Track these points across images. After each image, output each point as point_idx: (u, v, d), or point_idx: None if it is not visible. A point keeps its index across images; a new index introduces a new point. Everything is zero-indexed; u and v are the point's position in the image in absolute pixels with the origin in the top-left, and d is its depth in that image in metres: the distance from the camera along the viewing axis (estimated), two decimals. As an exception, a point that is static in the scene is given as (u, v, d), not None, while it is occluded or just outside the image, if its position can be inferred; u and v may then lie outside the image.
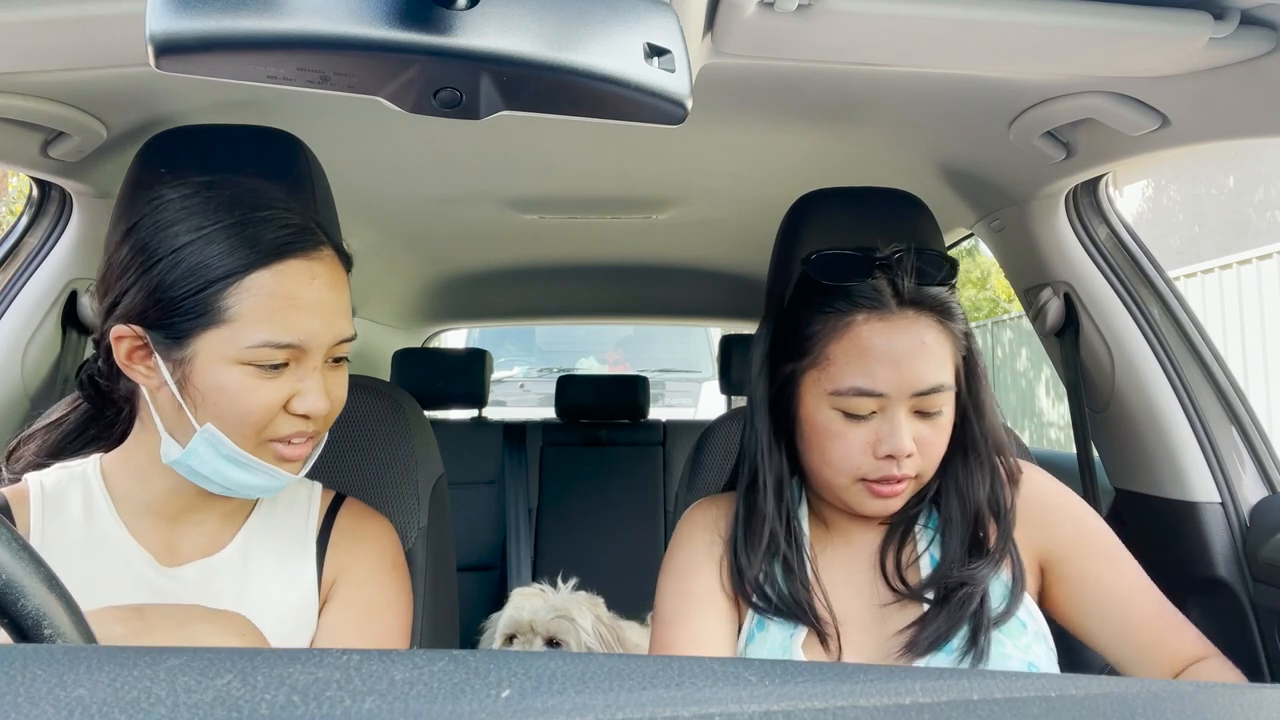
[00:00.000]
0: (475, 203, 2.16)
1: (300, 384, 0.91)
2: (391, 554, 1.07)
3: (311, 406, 0.91)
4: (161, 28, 0.55)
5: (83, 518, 0.96)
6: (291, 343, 0.89)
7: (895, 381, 0.97)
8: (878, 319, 0.99)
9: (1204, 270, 6.60)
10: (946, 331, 1.01)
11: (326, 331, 0.91)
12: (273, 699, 0.35)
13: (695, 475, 1.34)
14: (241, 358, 0.87)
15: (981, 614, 0.98)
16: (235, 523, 1.02)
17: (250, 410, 0.88)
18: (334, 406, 0.95)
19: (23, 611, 0.53)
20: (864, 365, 0.97)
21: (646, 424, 3.11)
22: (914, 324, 0.99)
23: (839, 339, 1.00)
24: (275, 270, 0.89)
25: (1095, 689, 0.39)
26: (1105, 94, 1.16)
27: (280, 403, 0.90)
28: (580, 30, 0.59)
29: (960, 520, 1.04)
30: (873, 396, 0.97)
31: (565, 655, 0.40)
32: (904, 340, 0.98)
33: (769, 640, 1.03)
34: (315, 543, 1.04)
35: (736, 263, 2.79)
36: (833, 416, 1.00)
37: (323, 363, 0.93)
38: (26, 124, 1.28)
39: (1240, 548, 1.41)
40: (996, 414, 1.09)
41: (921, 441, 0.99)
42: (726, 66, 1.05)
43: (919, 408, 0.98)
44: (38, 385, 1.55)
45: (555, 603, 1.90)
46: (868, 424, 0.98)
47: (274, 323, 0.88)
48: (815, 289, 1.03)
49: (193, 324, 0.87)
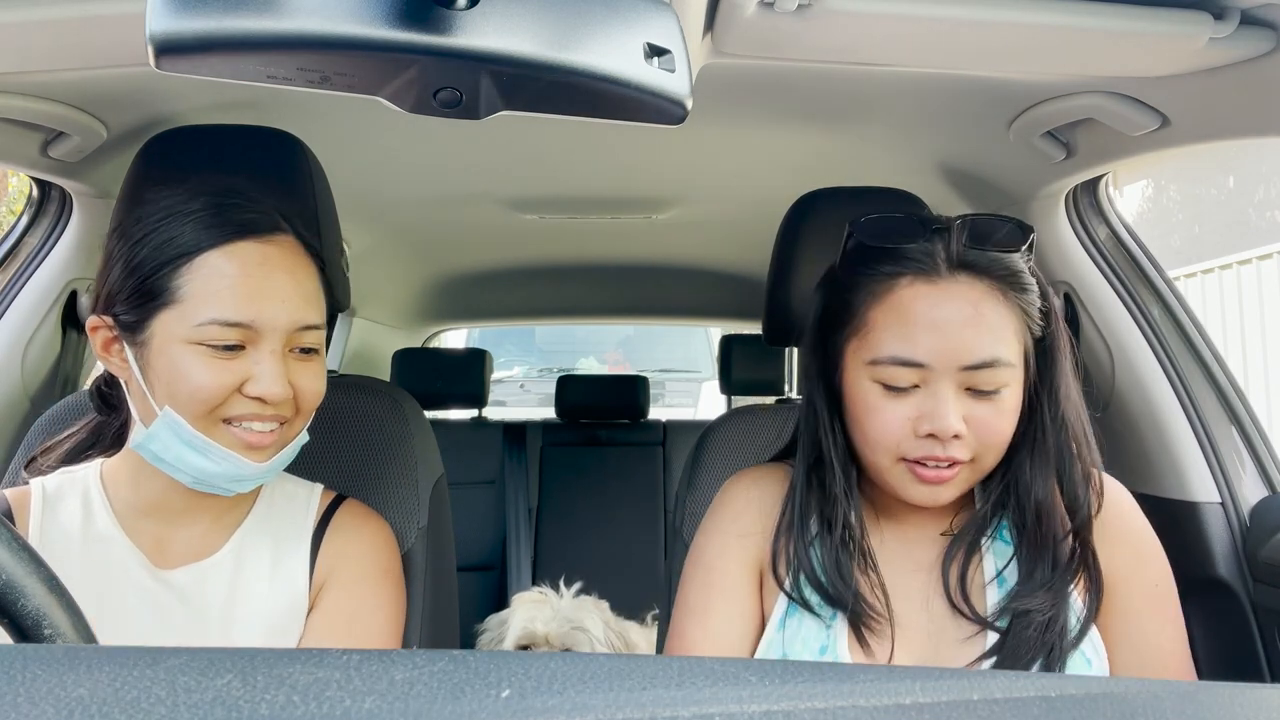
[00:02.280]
0: (475, 203, 2.16)
1: (255, 367, 0.91)
2: (384, 558, 1.06)
3: (265, 390, 0.90)
4: (161, 28, 0.55)
5: (81, 519, 0.98)
6: (239, 321, 0.89)
7: (939, 351, 0.87)
8: (924, 282, 0.90)
9: (1204, 270, 6.59)
10: (1009, 302, 0.90)
11: (280, 315, 0.91)
12: (273, 699, 0.35)
13: (695, 475, 1.34)
14: (192, 337, 0.89)
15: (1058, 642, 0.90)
16: (229, 526, 1.02)
17: (200, 388, 0.89)
18: (305, 398, 0.95)
19: (23, 611, 0.53)
20: (905, 331, 0.88)
21: (646, 424, 3.10)
22: (968, 290, 0.89)
23: (880, 303, 0.91)
24: (224, 251, 0.90)
25: (1095, 689, 0.39)
26: (1105, 94, 1.16)
27: (233, 385, 0.90)
28: (580, 30, 0.59)
29: (1035, 534, 0.94)
30: (913, 367, 0.88)
31: (565, 655, 0.40)
32: (952, 306, 0.88)
33: (801, 637, 0.97)
34: (310, 541, 1.03)
35: (736, 263, 2.79)
36: (871, 389, 0.91)
37: (283, 350, 0.93)
38: (26, 124, 1.28)
39: (1240, 548, 1.41)
40: (1078, 406, 0.96)
41: (975, 423, 0.88)
42: (726, 66, 1.05)
43: (970, 384, 0.88)
44: (38, 385, 1.55)
45: (566, 612, 1.90)
46: (909, 398, 0.89)
47: (222, 301, 0.89)
48: (862, 253, 0.95)
49: (149, 306, 0.90)
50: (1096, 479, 0.97)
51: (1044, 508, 0.94)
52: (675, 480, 2.79)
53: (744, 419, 1.38)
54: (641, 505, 2.91)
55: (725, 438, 1.36)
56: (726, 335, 3.17)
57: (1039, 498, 0.94)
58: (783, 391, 3.05)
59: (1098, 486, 0.97)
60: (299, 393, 0.94)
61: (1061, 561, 0.94)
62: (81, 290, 1.58)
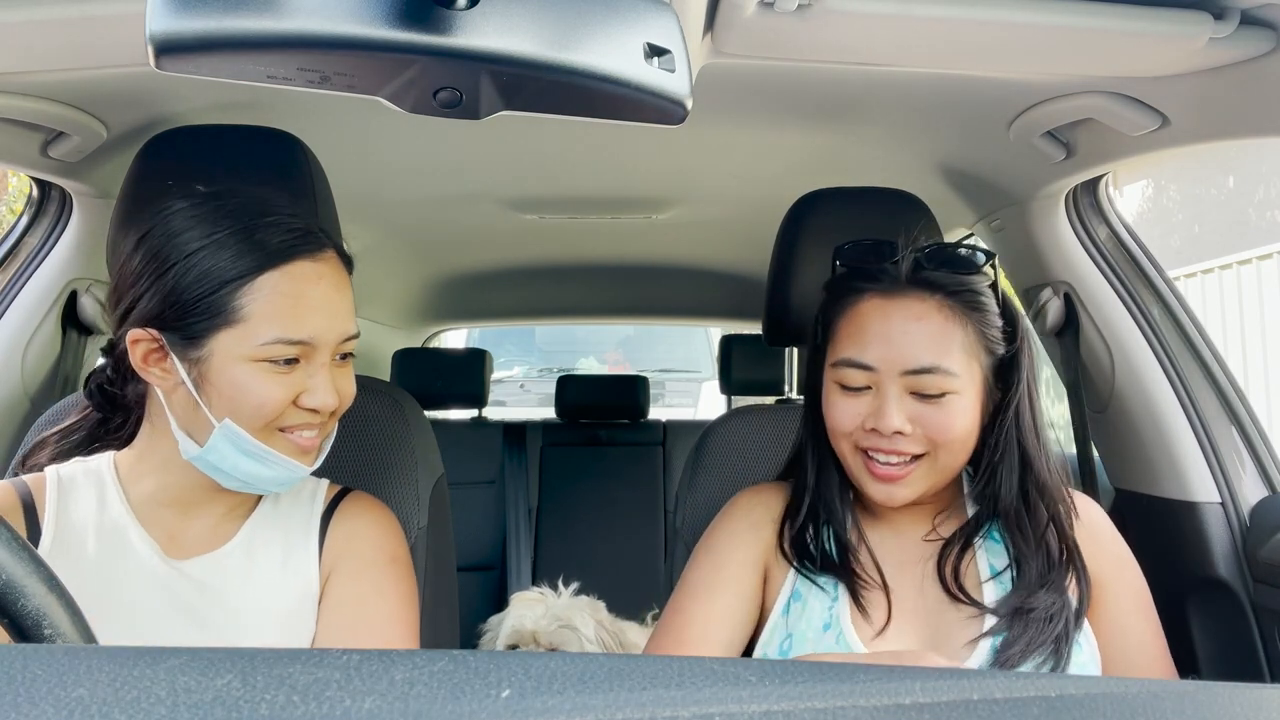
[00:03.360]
0: (475, 203, 2.16)
1: (310, 380, 0.95)
2: (390, 545, 1.07)
3: (321, 402, 0.95)
4: (161, 28, 0.55)
5: (96, 507, 1.00)
6: (302, 339, 0.93)
7: (884, 356, 0.98)
8: (881, 296, 1.01)
9: (1204, 270, 6.59)
10: (956, 317, 0.99)
11: (333, 329, 0.96)
12: (273, 699, 0.35)
13: (695, 475, 1.34)
14: (255, 355, 0.92)
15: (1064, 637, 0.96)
16: (240, 516, 1.04)
17: (263, 404, 0.92)
18: (343, 401, 0.99)
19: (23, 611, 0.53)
20: (858, 338, 1.00)
21: (646, 424, 3.10)
22: (918, 303, 0.99)
23: (845, 315, 1.04)
24: (284, 271, 0.93)
25: (1095, 689, 0.39)
26: (1105, 94, 1.16)
27: (291, 398, 0.94)
28: (580, 30, 0.59)
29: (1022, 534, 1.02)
30: (861, 369, 0.99)
31: (565, 655, 0.40)
32: (899, 316, 0.99)
33: (806, 618, 1.03)
34: (318, 531, 1.05)
35: (736, 263, 2.79)
36: (833, 388, 1.03)
37: (330, 360, 0.96)
38: (26, 124, 1.28)
39: (1240, 548, 1.41)
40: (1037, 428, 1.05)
41: (922, 422, 0.98)
42: (726, 66, 1.05)
43: (915, 388, 0.98)
44: (38, 385, 1.55)
45: (557, 611, 1.90)
46: (863, 398, 1.00)
47: (285, 320, 0.92)
48: (839, 275, 1.08)
49: (207, 324, 0.92)
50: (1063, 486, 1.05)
51: (1024, 509, 1.03)
52: (675, 480, 2.78)
53: (744, 419, 1.38)
54: (641, 505, 2.91)
55: (725, 438, 1.36)
56: (726, 335, 3.17)
57: (1016, 501, 1.03)
58: (783, 391, 3.05)
59: (1067, 496, 1.05)
60: (343, 398, 0.99)
61: (1055, 559, 1.02)
62: (81, 290, 1.58)
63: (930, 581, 1.04)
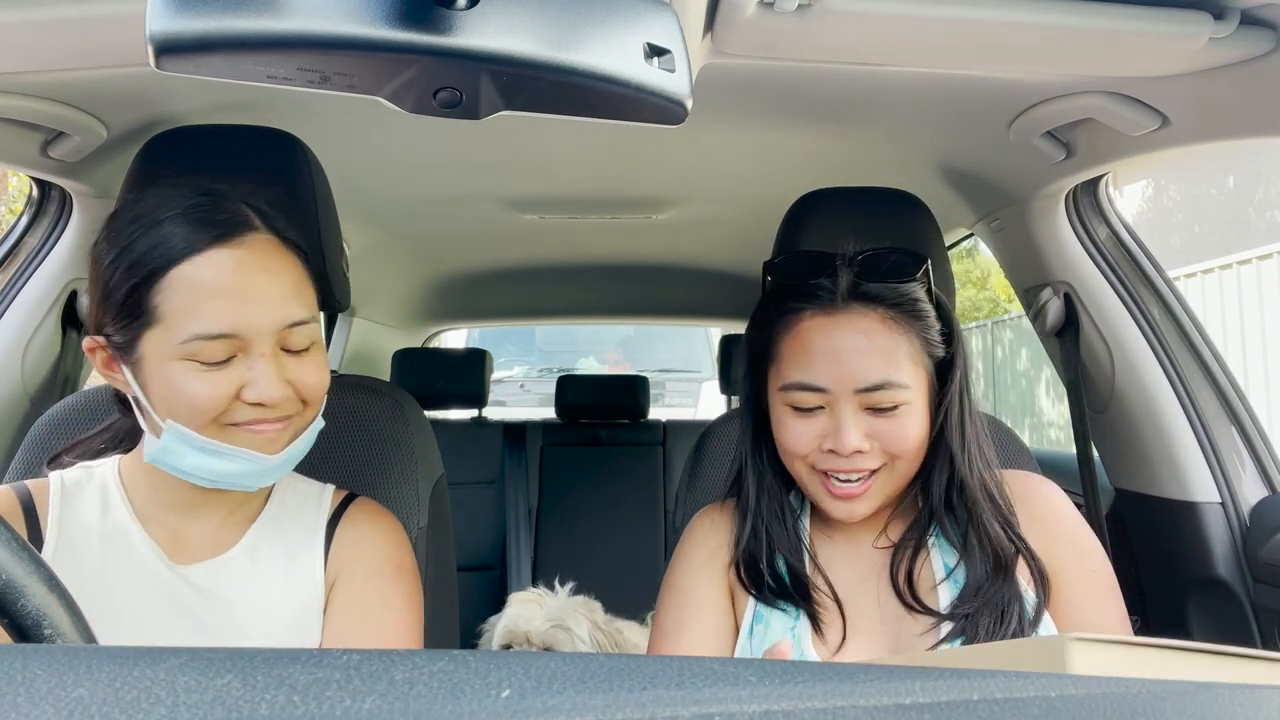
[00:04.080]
0: (475, 203, 2.16)
1: (249, 373, 0.89)
2: (396, 554, 1.06)
3: (263, 395, 0.89)
4: (161, 28, 0.55)
5: (99, 511, 0.99)
6: (223, 333, 0.87)
7: (835, 377, 0.97)
8: (822, 314, 0.99)
9: (1204, 270, 6.60)
10: (903, 328, 0.99)
11: (263, 317, 0.89)
12: (273, 699, 0.35)
13: (695, 475, 1.34)
14: (179, 354, 0.88)
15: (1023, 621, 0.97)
16: (244, 521, 1.03)
17: (196, 402, 0.88)
18: (308, 391, 0.94)
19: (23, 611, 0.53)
20: (807, 360, 0.98)
21: (646, 424, 3.10)
22: (859, 319, 0.98)
23: (787, 335, 1.01)
24: (193, 263, 0.88)
25: (1095, 689, 0.39)
26: (1105, 94, 1.16)
27: (231, 393, 0.89)
28: (580, 30, 0.59)
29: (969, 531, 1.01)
30: (815, 391, 0.98)
31: (565, 655, 0.40)
32: (845, 335, 0.98)
33: (770, 633, 1.03)
34: (323, 538, 1.04)
35: (736, 263, 2.79)
36: (784, 410, 1.01)
37: (276, 349, 0.91)
38: (26, 124, 1.28)
39: (1240, 548, 1.41)
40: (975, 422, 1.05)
41: (879, 436, 0.97)
42: (726, 66, 1.05)
43: (869, 404, 0.97)
44: (38, 385, 1.55)
45: (550, 611, 1.90)
46: (816, 419, 0.99)
47: (200, 316, 0.87)
48: (777, 291, 1.05)
49: (134, 326, 0.89)
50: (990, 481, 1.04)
51: (965, 506, 1.02)
52: (675, 480, 2.79)
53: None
54: (641, 505, 2.91)
55: (725, 438, 1.36)
56: (726, 335, 3.17)
57: (957, 498, 1.03)
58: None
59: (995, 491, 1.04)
60: (299, 387, 0.93)
61: (1005, 554, 1.00)
62: (81, 290, 1.58)
63: (887, 590, 1.04)
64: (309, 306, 0.95)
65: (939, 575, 1.03)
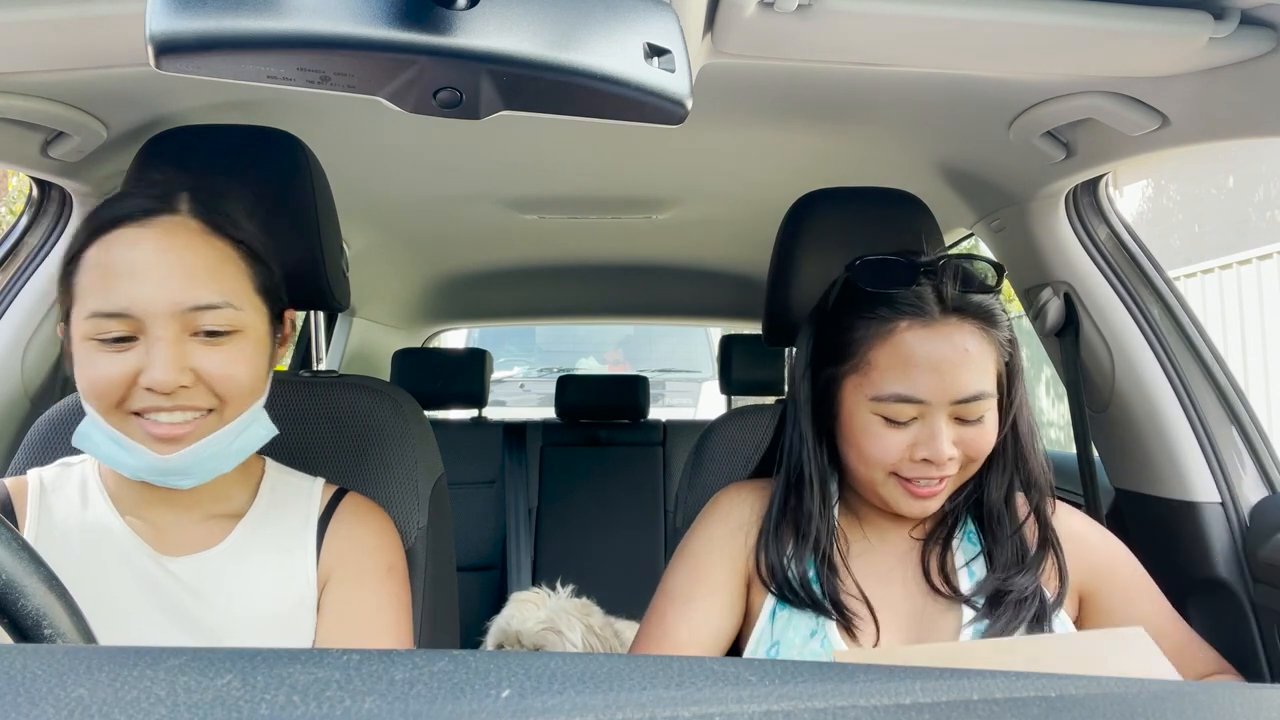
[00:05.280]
0: (475, 203, 2.16)
1: (145, 357, 0.88)
2: (387, 554, 1.05)
3: (155, 379, 0.86)
4: (161, 28, 0.55)
5: (79, 506, 0.98)
6: (115, 311, 0.87)
7: (937, 389, 0.96)
8: (921, 326, 0.98)
9: (1204, 270, 6.59)
10: (990, 339, 1.00)
11: (159, 298, 0.87)
12: (273, 699, 0.35)
13: (695, 475, 1.34)
14: (85, 332, 0.89)
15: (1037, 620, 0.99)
16: (231, 517, 1.02)
17: (94, 382, 0.89)
18: (220, 382, 0.90)
19: (23, 611, 0.53)
20: (906, 372, 0.97)
21: (646, 424, 3.10)
22: (957, 331, 0.98)
23: (881, 345, 0.99)
24: (100, 243, 0.91)
25: (1095, 689, 0.39)
26: (1105, 94, 1.16)
27: (128, 376, 0.88)
28: (580, 30, 0.59)
29: (997, 531, 1.05)
30: (914, 403, 0.97)
31: (565, 655, 0.40)
32: (946, 348, 0.97)
33: (793, 626, 1.03)
34: (314, 535, 1.03)
35: (736, 263, 2.79)
36: (872, 420, 0.99)
37: (179, 334, 0.89)
38: (26, 124, 1.28)
39: (1240, 548, 1.41)
40: (1033, 421, 1.08)
41: (963, 444, 0.99)
42: (726, 66, 1.05)
43: (959, 415, 0.98)
44: (38, 385, 1.55)
45: (543, 614, 1.90)
46: (908, 429, 0.98)
47: (95, 293, 0.89)
48: (859, 294, 1.03)
49: (64, 305, 0.93)
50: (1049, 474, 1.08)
51: (1004, 507, 1.06)
52: (675, 480, 2.79)
53: (744, 419, 1.38)
54: (641, 505, 2.91)
55: (725, 438, 1.36)
56: (726, 335, 3.17)
57: (998, 499, 1.06)
58: (783, 391, 3.04)
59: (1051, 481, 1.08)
60: (208, 378, 0.90)
61: (1029, 550, 1.04)
62: (81, 290, 1.58)
63: (912, 583, 1.06)
64: (226, 293, 0.91)
65: (961, 561, 1.05)
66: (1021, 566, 1.02)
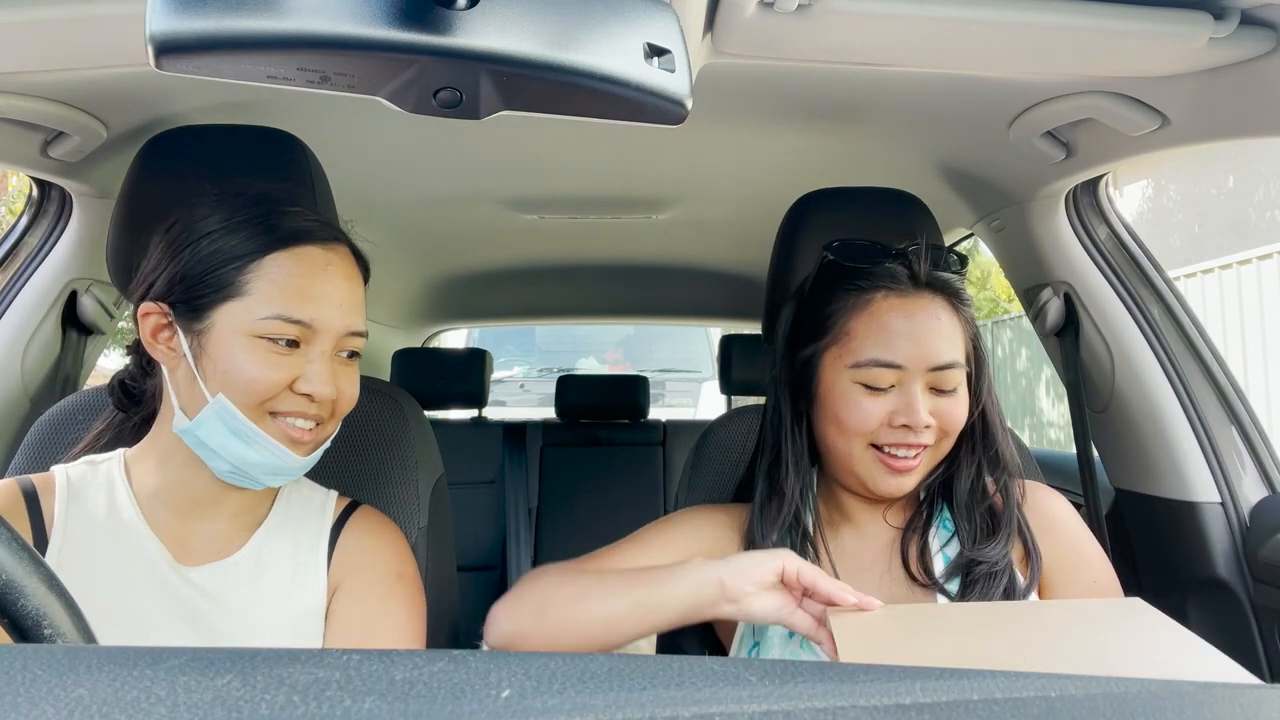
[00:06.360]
0: (475, 203, 2.16)
1: (308, 366, 0.95)
2: (397, 563, 1.06)
3: (316, 389, 0.94)
4: (161, 28, 0.55)
5: (105, 508, 0.99)
6: (302, 320, 0.94)
7: (913, 355, 1.01)
8: (896, 296, 1.04)
9: (1204, 270, 6.60)
10: (959, 314, 1.06)
11: (337, 319, 0.96)
12: (273, 699, 0.35)
13: (695, 475, 1.34)
14: (254, 330, 0.92)
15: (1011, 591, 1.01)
16: (249, 526, 1.03)
17: (255, 381, 0.92)
18: (343, 401, 0.99)
19: (23, 611, 0.53)
20: (884, 338, 1.02)
21: (646, 424, 3.10)
22: (930, 303, 1.04)
23: (860, 314, 1.04)
24: (292, 253, 0.95)
25: (1095, 689, 0.39)
26: (1105, 94, 1.16)
27: (286, 381, 0.94)
28: (580, 30, 0.59)
29: (970, 505, 1.08)
30: (892, 368, 1.01)
31: (565, 655, 0.40)
32: (921, 316, 1.03)
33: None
34: (326, 546, 1.05)
35: (736, 263, 2.79)
36: (852, 388, 1.03)
37: (333, 352, 0.97)
38: (26, 124, 1.28)
39: (1240, 548, 1.41)
40: (998, 403, 1.13)
41: (939, 414, 1.02)
42: (726, 66, 1.05)
43: (934, 384, 1.02)
44: (38, 385, 1.55)
45: None
46: (886, 396, 1.02)
47: (287, 299, 0.93)
48: (837, 272, 1.08)
49: (212, 297, 0.94)
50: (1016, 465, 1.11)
51: (973, 486, 1.09)
52: (675, 480, 2.78)
53: (744, 419, 1.38)
54: (641, 505, 2.91)
55: (725, 438, 1.36)
56: (726, 335, 3.17)
57: (968, 479, 1.09)
58: (783, 392, 3.04)
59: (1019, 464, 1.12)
60: (340, 395, 0.98)
61: (997, 521, 1.07)
62: (81, 290, 1.58)
63: (889, 573, 1.08)
64: (364, 321, 1.02)
65: (936, 547, 1.08)
66: (992, 539, 1.05)
